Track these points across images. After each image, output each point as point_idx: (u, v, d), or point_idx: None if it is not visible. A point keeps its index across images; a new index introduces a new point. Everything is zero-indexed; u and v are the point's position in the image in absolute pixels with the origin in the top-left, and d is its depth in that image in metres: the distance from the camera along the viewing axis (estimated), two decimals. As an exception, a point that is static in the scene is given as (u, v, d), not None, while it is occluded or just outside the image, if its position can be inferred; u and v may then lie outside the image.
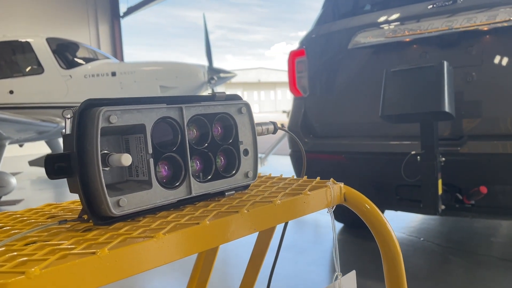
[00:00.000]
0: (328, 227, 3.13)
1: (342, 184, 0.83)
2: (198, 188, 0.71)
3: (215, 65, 6.37)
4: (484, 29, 1.95)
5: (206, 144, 0.73)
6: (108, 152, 0.61)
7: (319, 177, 0.88)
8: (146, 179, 0.64)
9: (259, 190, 0.81)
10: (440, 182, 1.97)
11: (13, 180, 4.62)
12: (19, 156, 8.54)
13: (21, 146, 6.55)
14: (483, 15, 1.95)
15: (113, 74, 5.83)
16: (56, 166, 0.58)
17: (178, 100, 0.69)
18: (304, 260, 2.51)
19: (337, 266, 0.81)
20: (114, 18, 12.43)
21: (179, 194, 0.68)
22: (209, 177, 0.73)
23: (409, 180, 2.03)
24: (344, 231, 3.00)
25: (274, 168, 6.19)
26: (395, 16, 2.28)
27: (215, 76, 6.17)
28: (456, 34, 2.04)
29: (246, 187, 0.81)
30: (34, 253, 0.49)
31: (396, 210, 2.47)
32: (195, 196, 0.70)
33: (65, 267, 0.44)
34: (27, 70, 5.86)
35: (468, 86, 2.04)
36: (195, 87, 6.04)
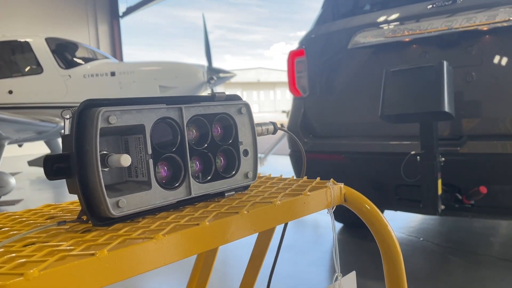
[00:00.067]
0: (328, 227, 3.13)
1: (342, 185, 0.83)
2: (197, 188, 0.71)
3: (215, 65, 6.37)
4: (484, 29, 1.95)
5: (205, 145, 0.73)
6: (107, 152, 0.61)
7: (319, 177, 0.88)
8: (146, 180, 0.64)
9: (259, 191, 0.81)
10: (439, 182, 1.97)
11: (12, 180, 4.62)
12: (18, 156, 8.54)
13: (20, 146, 6.54)
14: (483, 15, 1.95)
15: (112, 74, 5.82)
16: (55, 167, 0.58)
17: (178, 101, 0.69)
18: (304, 261, 2.50)
19: (337, 267, 0.81)
20: (113, 18, 12.43)
21: (178, 194, 0.68)
22: (208, 177, 0.73)
23: (408, 180, 2.03)
24: (344, 231, 3.00)
25: (274, 168, 6.19)
26: (394, 16, 2.28)
27: (215, 76, 6.16)
28: (455, 34, 2.03)
29: (246, 187, 0.81)
30: (33, 254, 0.49)
31: (395, 210, 2.48)
32: (195, 197, 0.70)
33: (64, 268, 0.44)
34: (26, 70, 5.85)
35: (468, 86, 2.04)
36: (194, 87, 6.03)
